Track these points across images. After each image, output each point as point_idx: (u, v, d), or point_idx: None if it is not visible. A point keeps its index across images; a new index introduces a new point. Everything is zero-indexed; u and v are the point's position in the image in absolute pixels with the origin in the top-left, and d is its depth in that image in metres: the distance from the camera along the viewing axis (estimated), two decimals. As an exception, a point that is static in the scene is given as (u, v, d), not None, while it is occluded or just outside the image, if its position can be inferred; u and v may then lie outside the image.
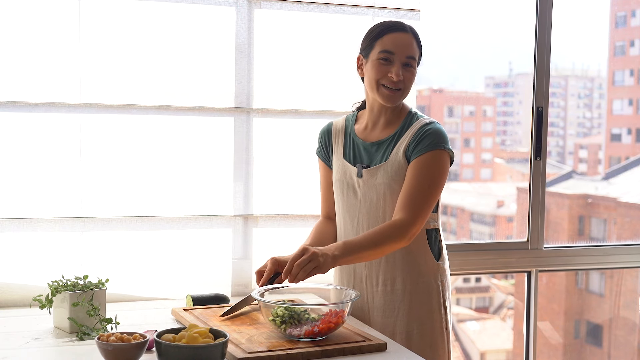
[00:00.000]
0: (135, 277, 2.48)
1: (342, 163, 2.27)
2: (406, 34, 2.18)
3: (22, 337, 1.95)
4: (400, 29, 2.19)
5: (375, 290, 2.21)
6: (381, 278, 2.20)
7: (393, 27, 2.19)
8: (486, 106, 10.78)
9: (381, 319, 2.20)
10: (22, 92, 2.36)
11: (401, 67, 2.15)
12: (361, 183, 2.21)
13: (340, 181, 2.26)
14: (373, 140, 2.24)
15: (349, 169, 2.24)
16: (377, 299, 2.21)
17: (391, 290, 2.19)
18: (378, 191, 2.18)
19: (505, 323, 8.83)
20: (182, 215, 2.53)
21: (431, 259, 2.21)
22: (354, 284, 2.25)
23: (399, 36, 2.17)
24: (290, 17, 2.61)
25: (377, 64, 2.17)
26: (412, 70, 2.18)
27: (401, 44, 2.16)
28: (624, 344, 5.51)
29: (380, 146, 2.22)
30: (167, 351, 1.65)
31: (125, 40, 2.45)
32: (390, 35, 2.17)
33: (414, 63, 2.18)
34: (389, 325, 2.19)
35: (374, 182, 2.19)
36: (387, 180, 2.16)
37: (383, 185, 2.17)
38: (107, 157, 2.45)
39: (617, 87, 9.49)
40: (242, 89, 2.57)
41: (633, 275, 5.00)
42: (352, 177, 2.23)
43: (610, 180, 8.43)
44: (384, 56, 2.16)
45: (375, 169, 2.19)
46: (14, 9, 2.33)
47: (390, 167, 2.17)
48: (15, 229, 2.38)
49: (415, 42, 2.19)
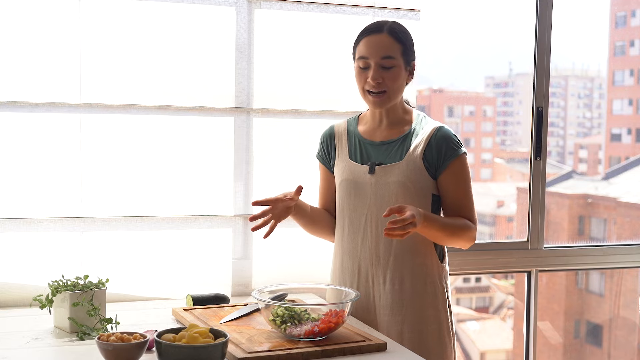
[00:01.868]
0: (135, 277, 2.48)
1: (348, 164, 2.26)
2: (379, 35, 2.17)
3: (22, 337, 1.95)
4: (373, 31, 2.18)
5: (382, 288, 2.21)
6: (389, 277, 2.20)
7: (366, 31, 2.20)
8: (486, 106, 10.78)
9: (388, 318, 2.20)
10: (23, 92, 2.36)
11: (378, 70, 2.15)
12: (373, 180, 2.21)
13: (347, 181, 2.25)
14: (380, 140, 2.24)
15: (357, 168, 2.24)
16: (384, 298, 2.21)
17: (399, 289, 2.19)
18: (390, 189, 2.18)
19: (505, 323, 8.83)
20: (182, 215, 2.53)
21: (436, 260, 2.23)
22: (358, 283, 2.25)
23: (372, 39, 2.17)
24: (290, 17, 2.61)
25: (358, 71, 2.20)
26: (394, 69, 2.16)
27: (374, 46, 2.16)
28: (624, 344, 5.52)
29: (390, 145, 2.22)
30: (167, 351, 1.65)
31: (126, 40, 2.45)
32: (364, 40, 2.18)
33: (393, 62, 2.16)
34: (397, 323, 2.19)
35: (387, 179, 2.19)
36: (402, 178, 2.17)
37: (397, 183, 2.17)
38: (107, 157, 2.45)
39: (617, 87, 9.50)
40: (242, 89, 2.57)
41: (633, 275, 5.00)
42: (362, 176, 2.22)
43: (610, 180, 8.43)
44: (361, 63, 2.18)
45: (389, 167, 2.19)
46: (14, 9, 2.33)
47: (405, 166, 2.17)
48: (15, 229, 2.38)
49: (393, 39, 2.16)
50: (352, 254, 2.25)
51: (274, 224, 2.15)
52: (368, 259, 2.22)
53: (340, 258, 2.29)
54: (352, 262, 2.25)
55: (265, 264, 2.60)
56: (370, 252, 2.21)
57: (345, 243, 2.27)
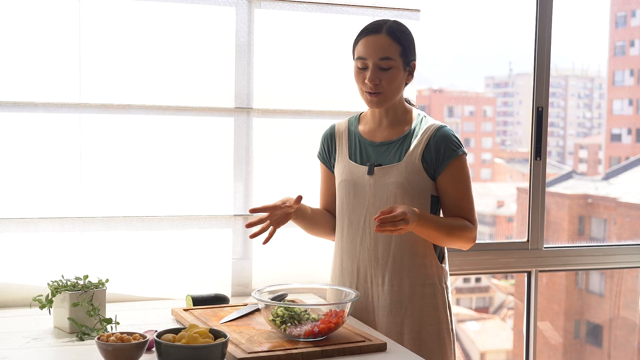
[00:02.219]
0: (135, 277, 2.48)
1: (348, 164, 2.26)
2: (377, 36, 2.16)
3: (22, 337, 1.95)
4: (371, 31, 2.17)
5: (381, 289, 2.21)
6: (387, 278, 2.20)
7: (365, 31, 2.19)
8: (486, 106, 10.79)
9: (387, 318, 2.20)
10: (22, 92, 2.36)
11: (376, 71, 2.15)
12: (372, 181, 2.20)
13: (346, 181, 2.25)
14: (380, 140, 2.24)
15: (357, 169, 2.24)
16: (383, 299, 2.21)
17: (398, 290, 2.19)
18: (389, 190, 2.18)
19: (505, 323, 8.83)
20: (182, 215, 2.53)
21: (435, 260, 2.22)
22: (357, 284, 2.25)
23: (370, 39, 2.16)
24: (290, 17, 2.61)
25: (356, 71, 2.20)
26: (391, 70, 2.15)
27: (372, 47, 2.15)
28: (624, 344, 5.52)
29: (390, 146, 2.22)
30: (167, 351, 1.65)
31: (125, 40, 2.45)
32: (362, 41, 2.18)
33: (391, 63, 2.15)
34: (396, 324, 2.19)
35: (385, 180, 2.18)
36: (401, 179, 2.16)
37: (395, 184, 2.17)
38: (107, 157, 2.45)
39: (617, 87, 9.50)
40: (242, 89, 2.57)
41: (633, 275, 5.00)
42: (361, 176, 2.22)
43: (610, 180, 8.43)
44: (359, 63, 2.18)
45: (388, 168, 2.19)
46: (14, 9, 2.33)
47: (404, 167, 2.17)
48: (15, 229, 2.38)
49: (392, 40, 2.15)
50: (351, 255, 2.25)
51: (273, 230, 2.14)
52: (367, 260, 2.22)
53: (340, 258, 2.29)
54: (351, 263, 2.25)
55: (265, 264, 2.60)
56: (369, 252, 2.21)
57: (344, 243, 2.27)
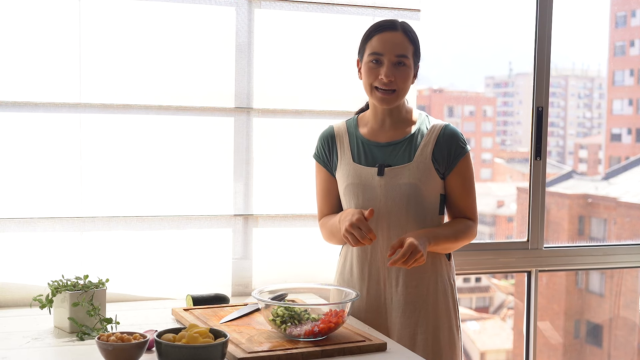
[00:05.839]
0: (135, 277, 2.48)
1: (353, 166, 2.23)
2: (395, 33, 2.16)
3: (22, 337, 1.95)
4: (388, 28, 2.16)
5: (395, 290, 2.19)
6: (402, 279, 2.18)
7: (381, 28, 2.17)
8: (486, 106, 10.79)
9: (400, 319, 2.18)
10: (23, 92, 2.36)
11: (392, 67, 2.14)
12: (382, 182, 2.18)
13: (354, 184, 2.21)
14: (386, 141, 2.22)
15: (364, 171, 2.21)
16: (397, 300, 2.19)
17: (413, 291, 2.18)
18: (402, 190, 2.17)
19: (505, 323, 8.84)
20: (182, 215, 2.53)
21: (444, 257, 2.24)
22: (368, 287, 2.22)
23: (387, 36, 2.15)
24: (290, 17, 2.61)
25: (368, 67, 2.17)
26: (405, 68, 2.16)
27: (390, 43, 2.14)
28: (624, 344, 5.52)
29: (396, 146, 2.21)
30: (167, 351, 1.65)
31: (125, 40, 2.45)
32: (378, 36, 2.16)
33: (406, 61, 2.15)
34: (411, 324, 2.18)
35: (397, 181, 2.17)
36: (413, 180, 2.16)
37: (408, 185, 2.16)
38: (107, 157, 2.45)
39: (617, 87, 9.50)
40: (242, 89, 2.57)
41: (633, 275, 5.01)
42: (370, 178, 2.19)
43: (610, 180, 8.43)
44: (374, 58, 2.16)
45: (399, 169, 2.18)
46: (14, 9, 2.33)
47: (416, 167, 2.17)
48: (15, 229, 2.38)
49: (407, 39, 2.16)
50: (361, 258, 2.22)
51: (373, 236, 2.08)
52: (380, 262, 2.20)
53: (349, 261, 2.27)
54: (361, 266, 2.23)
55: (265, 264, 2.60)
56: (382, 255, 2.20)
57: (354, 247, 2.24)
